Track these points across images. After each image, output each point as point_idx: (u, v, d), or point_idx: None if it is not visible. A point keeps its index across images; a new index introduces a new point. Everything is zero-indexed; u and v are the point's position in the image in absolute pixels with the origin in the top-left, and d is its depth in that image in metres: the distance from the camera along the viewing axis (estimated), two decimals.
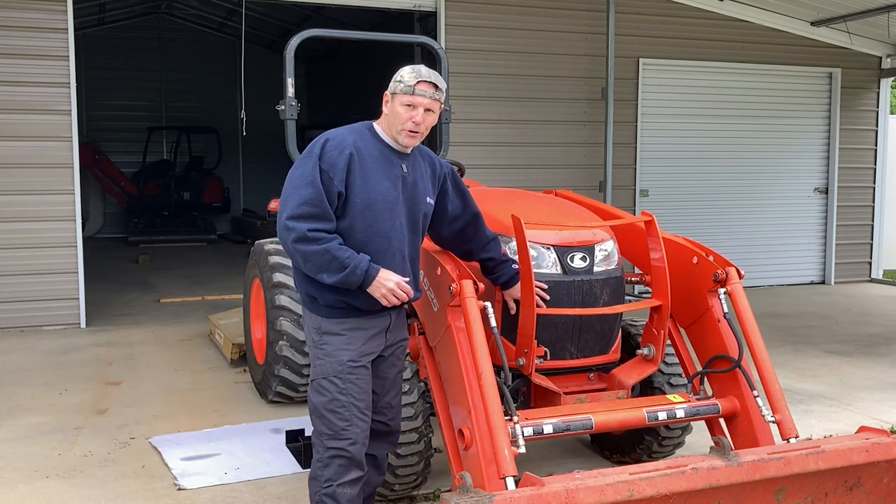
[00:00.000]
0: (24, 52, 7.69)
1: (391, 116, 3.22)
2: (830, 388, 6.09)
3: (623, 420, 3.54)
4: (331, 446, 3.15)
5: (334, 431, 3.15)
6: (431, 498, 4.00)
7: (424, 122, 3.20)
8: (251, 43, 14.16)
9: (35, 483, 4.19)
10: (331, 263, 3.04)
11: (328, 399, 3.16)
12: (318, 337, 3.22)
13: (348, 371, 3.16)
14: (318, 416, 3.19)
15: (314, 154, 3.12)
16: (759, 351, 3.55)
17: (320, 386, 3.18)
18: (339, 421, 3.14)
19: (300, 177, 3.10)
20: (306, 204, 3.05)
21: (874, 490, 3.03)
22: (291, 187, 3.12)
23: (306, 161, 3.13)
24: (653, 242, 3.78)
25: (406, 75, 3.20)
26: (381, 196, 3.16)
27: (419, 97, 3.17)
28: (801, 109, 10.88)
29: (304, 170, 3.11)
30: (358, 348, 3.19)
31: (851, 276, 11.26)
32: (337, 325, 3.19)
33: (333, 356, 3.17)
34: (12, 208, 7.74)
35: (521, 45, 9.32)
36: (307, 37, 5.29)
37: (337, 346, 3.18)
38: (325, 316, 3.20)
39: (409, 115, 3.18)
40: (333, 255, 3.03)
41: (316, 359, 3.23)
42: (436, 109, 3.24)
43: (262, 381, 5.51)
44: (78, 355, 6.87)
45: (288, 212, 3.07)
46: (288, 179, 3.18)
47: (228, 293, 9.62)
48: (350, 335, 3.19)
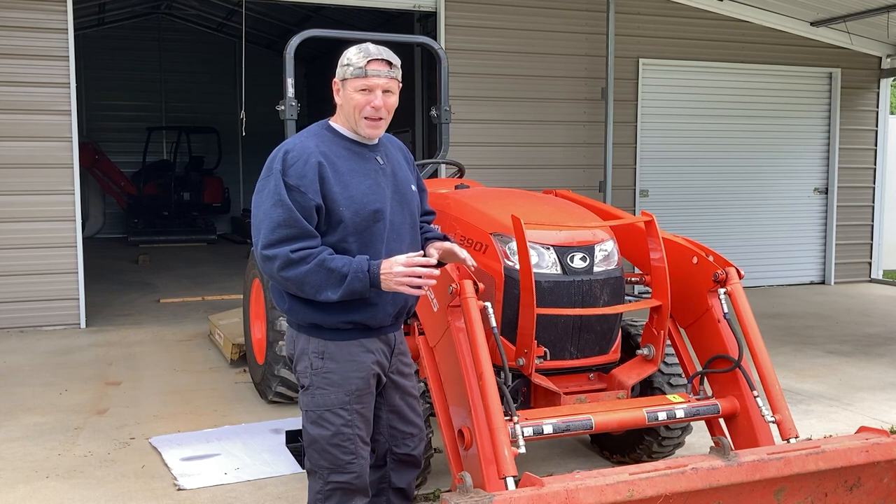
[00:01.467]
0: (24, 52, 7.69)
1: (346, 106, 2.87)
2: (830, 388, 6.09)
3: (623, 420, 3.54)
4: (333, 480, 2.88)
5: (337, 465, 2.87)
6: (431, 498, 4.00)
7: (385, 105, 2.85)
8: (251, 43, 14.20)
9: (35, 483, 4.18)
10: (329, 278, 2.71)
11: (332, 433, 2.85)
12: (321, 363, 2.87)
13: (355, 401, 2.87)
14: (318, 450, 2.88)
15: (275, 171, 2.77)
16: (759, 351, 3.55)
17: (321, 418, 2.86)
18: (344, 455, 2.86)
19: (266, 199, 2.76)
20: (280, 227, 2.71)
21: (874, 490, 3.03)
22: (260, 213, 2.77)
23: (267, 181, 2.78)
24: (653, 242, 3.78)
25: (353, 57, 2.84)
26: (368, 197, 2.83)
27: (373, 78, 2.81)
28: (801, 109, 10.88)
29: (268, 190, 2.77)
30: (364, 375, 2.89)
31: (851, 276, 11.26)
32: (342, 347, 2.88)
33: (339, 385, 2.86)
34: (12, 208, 7.74)
35: (521, 45, 9.32)
36: (307, 37, 5.29)
37: (342, 374, 2.86)
38: (329, 339, 2.88)
39: (367, 99, 2.82)
40: (328, 268, 2.71)
41: (316, 388, 2.87)
42: (394, 90, 2.88)
43: (262, 381, 5.51)
44: (78, 355, 6.87)
45: (262, 240, 2.74)
46: (254, 205, 2.83)
47: (228, 293, 9.62)
48: (356, 360, 2.89)
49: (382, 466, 3.14)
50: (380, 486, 3.14)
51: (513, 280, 3.60)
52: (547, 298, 3.55)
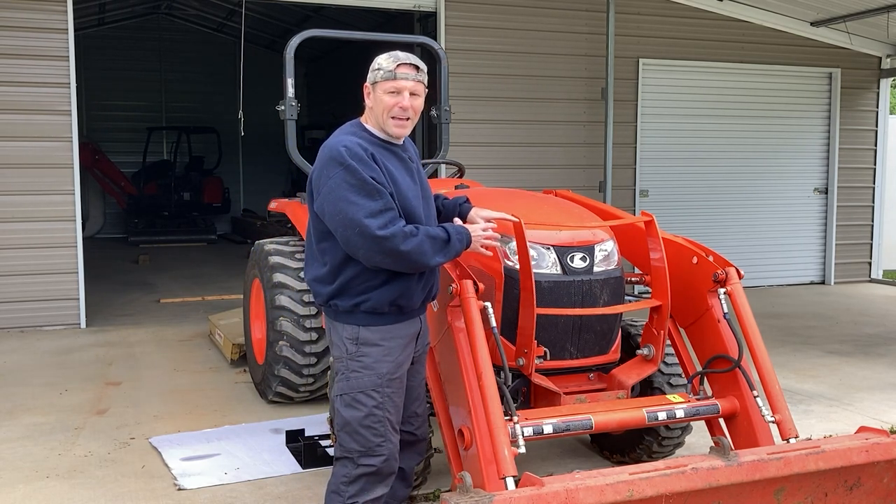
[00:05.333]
0: (24, 52, 7.69)
1: (376, 108, 3.08)
2: (830, 388, 6.09)
3: (623, 420, 3.54)
4: (363, 463, 3.02)
5: (367, 448, 3.01)
6: (431, 498, 4.00)
7: (412, 106, 3.06)
8: (251, 43, 14.19)
9: (35, 483, 4.18)
10: (435, 244, 2.97)
11: (364, 414, 3.01)
12: (356, 348, 3.04)
13: (386, 384, 3.03)
14: (350, 432, 3.02)
15: (348, 164, 2.91)
16: (759, 351, 3.55)
17: (355, 400, 3.02)
18: (374, 437, 3.01)
19: (353, 190, 2.89)
20: (383, 210, 2.89)
21: (874, 490, 3.03)
22: (351, 206, 2.88)
23: (343, 173, 2.91)
24: (653, 242, 3.78)
25: (384, 62, 3.06)
26: (412, 193, 3.08)
27: (402, 81, 3.03)
28: (800, 109, 10.88)
29: (348, 183, 2.90)
30: (395, 359, 3.07)
31: (851, 276, 11.26)
32: (376, 333, 3.04)
33: (372, 368, 3.02)
34: (12, 208, 7.75)
35: (521, 45, 9.32)
36: (307, 37, 5.29)
37: (376, 357, 3.03)
38: (364, 324, 3.04)
39: (395, 101, 3.03)
40: (432, 236, 2.97)
41: (350, 371, 3.04)
42: (420, 93, 3.09)
43: (262, 381, 5.51)
44: (78, 355, 6.87)
45: (375, 225, 2.86)
46: (334, 200, 2.92)
47: (228, 293, 9.63)
48: (388, 345, 3.06)
49: None
50: None
51: (513, 280, 3.60)
52: (547, 298, 3.55)
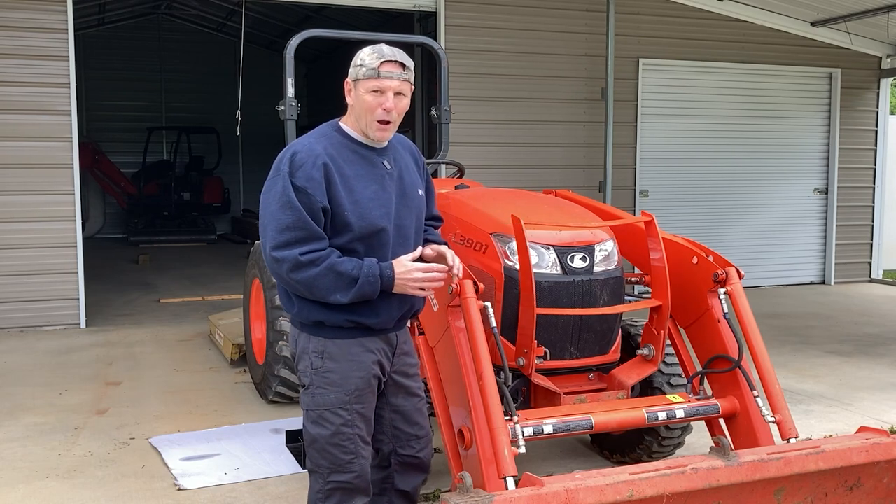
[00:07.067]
0: (24, 52, 7.69)
1: (357, 107, 2.85)
2: (830, 388, 6.09)
3: (623, 420, 3.54)
4: (333, 479, 2.88)
5: (337, 465, 2.87)
6: (431, 498, 4.00)
7: (396, 107, 2.83)
8: (251, 43, 14.16)
9: (35, 483, 4.18)
10: (338, 281, 2.72)
11: (331, 433, 2.85)
12: (321, 362, 2.87)
13: (355, 401, 2.86)
14: (318, 449, 2.88)
15: (282, 172, 2.76)
16: (759, 351, 3.55)
17: (321, 418, 2.86)
18: (344, 454, 2.86)
19: (273, 200, 2.76)
20: (288, 229, 2.71)
21: (874, 490, 3.03)
22: (267, 215, 2.77)
23: (275, 181, 2.77)
24: (653, 242, 3.78)
25: (367, 58, 2.81)
26: (373, 202, 2.82)
27: (386, 80, 2.79)
28: (800, 109, 10.88)
29: (275, 192, 2.76)
30: (364, 375, 2.88)
31: (851, 276, 11.26)
32: (343, 347, 2.87)
33: (338, 385, 2.85)
34: (12, 208, 7.74)
35: (521, 45, 9.31)
36: (307, 37, 5.29)
37: (342, 373, 2.86)
38: (330, 337, 2.87)
39: (378, 101, 2.80)
40: (338, 272, 2.71)
41: (316, 387, 2.87)
42: (406, 92, 2.86)
43: (262, 381, 5.51)
44: (78, 355, 6.87)
45: (271, 243, 2.73)
46: (262, 205, 2.82)
47: (228, 293, 9.63)
48: (356, 360, 2.88)
49: (387, 467, 3.13)
50: (383, 485, 3.13)
51: (513, 280, 3.60)
52: (547, 298, 3.55)
